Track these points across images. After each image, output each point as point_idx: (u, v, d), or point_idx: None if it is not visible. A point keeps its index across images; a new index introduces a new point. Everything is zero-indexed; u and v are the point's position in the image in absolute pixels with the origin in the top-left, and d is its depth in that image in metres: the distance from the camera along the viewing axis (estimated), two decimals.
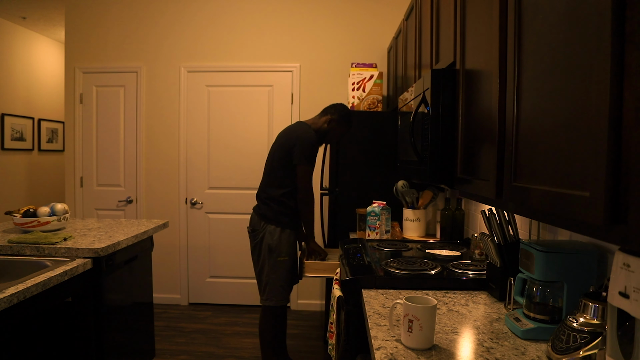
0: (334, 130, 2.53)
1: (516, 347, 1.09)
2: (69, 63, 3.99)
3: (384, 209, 2.47)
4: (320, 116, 2.58)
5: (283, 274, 2.47)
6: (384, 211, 2.46)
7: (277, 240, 2.46)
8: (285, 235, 2.47)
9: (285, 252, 2.46)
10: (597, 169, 0.66)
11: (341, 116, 2.53)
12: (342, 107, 2.55)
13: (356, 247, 2.11)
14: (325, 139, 2.56)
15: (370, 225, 2.47)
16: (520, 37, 0.99)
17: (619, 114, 0.62)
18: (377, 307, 1.39)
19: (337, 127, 2.53)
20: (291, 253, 2.51)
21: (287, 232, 2.48)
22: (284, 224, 2.47)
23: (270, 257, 2.46)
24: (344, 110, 2.55)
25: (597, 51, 0.66)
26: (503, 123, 1.07)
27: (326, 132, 2.53)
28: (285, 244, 2.46)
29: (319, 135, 2.51)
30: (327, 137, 2.55)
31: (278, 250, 2.45)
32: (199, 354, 3.00)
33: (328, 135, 2.54)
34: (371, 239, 2.38)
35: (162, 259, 3.91)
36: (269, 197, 2.51)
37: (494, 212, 1.50)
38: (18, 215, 2.31)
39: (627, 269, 0.75)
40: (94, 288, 2.03)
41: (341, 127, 2.54)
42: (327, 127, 2.52)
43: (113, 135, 3.99)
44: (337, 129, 2.54)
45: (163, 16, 3.93)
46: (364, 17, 3.81)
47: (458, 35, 1.50)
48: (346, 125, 2.56)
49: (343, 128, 2.55)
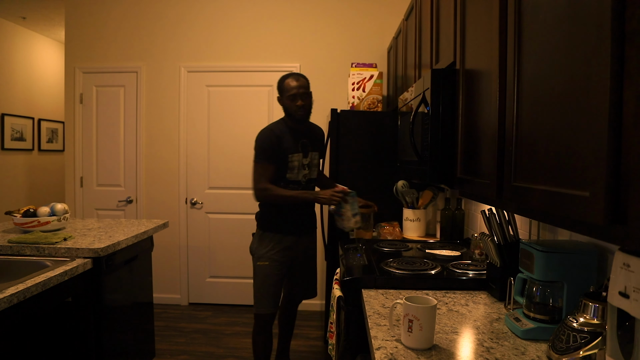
0: (285, 105, 2.34)
1: (516, 347, 1.09)
2: (69, 63, 3.99)
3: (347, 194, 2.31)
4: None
5: (260, 280, 2.34)
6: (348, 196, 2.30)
7: (257, 243, 2.38)
8: (265, 239, 2.35)
9: (266, 257, 2.32)
10: (597, 169, 0.66)
11: (278, 89, 2.37)
12: (278, 80, 2.38)
13: (356, 247, 2.12)
14: (293, 117, 2.33)
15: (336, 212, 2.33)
16: (520, 37, 0.99)
17: (618, 114, 0.62)
18: (377, 307, 1.39)
19: (284, 101, 2.33)
20: (274, 258, 2.33)
21: (268, 236, 2.35)
22: (264, 226, 2.38)
23: (253, 261, 2.38)
24: (278, 81, 2.37)
25: (597, 51, 0.66)
26: (503, 123, 1.07)
27: (284, 107, 2.35)
28: (265, 248, 2.33)
29: (292, 120, 2.33)
30: (290, 115, 2.33)
31: (258, 254, 2.35)
32: (199, 354, 3.00)
33: (288, 113, 2.34)
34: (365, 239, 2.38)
35: (162, 259, 3.90)
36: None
37: (494, 212, 1.50)
38: (18, 215, 2.31)
39: (627, 269, 0.75)
40: (94, 288, 2.03)
41: (284, 98, 2.32)
42: (283, 105, 2.36)
43: (113, 135, 3.99)
44: (284, 102, 2.33)
45: (163, 16, 3.93)
46: (364, 17, 3.81)
47: (458, 35, 1.50)
48: (283, 93, 2.32)
49: (285, 99, 2.31)
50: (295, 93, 2.27)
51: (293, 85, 2.28)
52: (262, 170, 2.28)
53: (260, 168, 2.29)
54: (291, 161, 2.31)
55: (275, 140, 2.29)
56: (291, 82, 2.29)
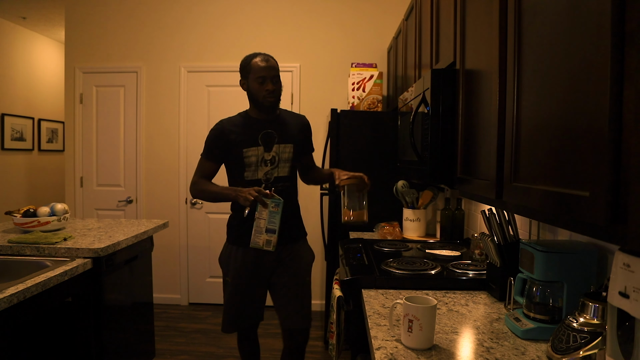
0: (250, 90, 1.97)
1: (516, 347, 1.09)
2: (69, 63, 3.99)
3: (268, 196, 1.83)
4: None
5: (224, 296, 2.10)
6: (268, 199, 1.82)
7: (221, 255, 2.11)
8: (226, 251, 2.08)
9: (227, 271, 2.06)
10: (597, 169, 0.66)
11: (241, 71, 1.99)
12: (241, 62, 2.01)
13: (356, 247, 2.12)
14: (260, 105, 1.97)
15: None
16: (520, 37, 0.99)
17: (619, 114, 0.62)
18: (377, 307, 1.39)
19: (249, 84, 1.97)
20: (237, 274, 2.01)
21: (229, 248, 2.07)
22: (228, 236, 2.11)
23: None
24: (242, 61, 2.00)
25: (597, 51, 0.66)
26: (503, 123, 1.07)
27: (249, 94, 1.99)
28: (225, 261, 2.07)
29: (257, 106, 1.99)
30: (256, 102, 1.98)
31: (222, 267, 2.10)
32: (199, 354, 3.00)
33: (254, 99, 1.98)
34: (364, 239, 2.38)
35: (162, 259, 3.90)
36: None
37: (494, 212, 1.50)
38: (18, 215, 2.31)
39: (627, 269, 0.75)
40: (94, 288, 2.03)
41: (250, 81, 1.95)
42: (246, 90, 2.00)
43: (113, 135, 3.99)
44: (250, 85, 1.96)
45: (163, 16, 3.93)
46: (364, 17, 3.81)
47: (458, 35, 1.50)
48: (248, 75, 1.96)
49: (252, 81, 1.95)
50: (264, 75, 1.91)
51: (262, 66, 1.92)
52: (199, 165, 2.06)
53: (199, 163, 2.07)
54: (247, 156, 1.96)
55: (219, 134, 2.00)
56: (259, 62, 1.93)
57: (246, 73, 1.97)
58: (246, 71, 1.97)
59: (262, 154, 1.98)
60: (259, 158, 1.98)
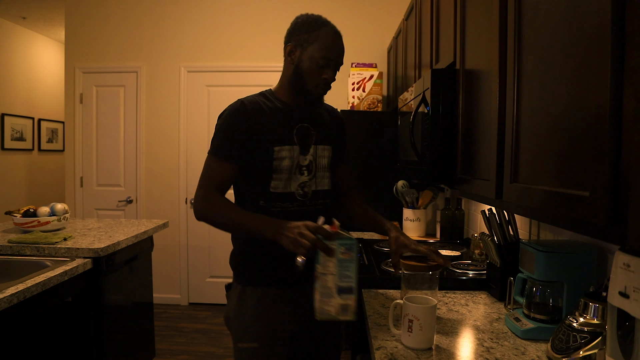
0: (300, 67, 1.33)
1: (516, 347, 1.09)
2: (69, 63, 3.99)
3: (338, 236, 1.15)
4: (284, 62, 1.40)
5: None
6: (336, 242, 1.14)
7: (236, 309, 1.37)
8: (248, 299, 1.35)
9: (252, 334, 1.33)
10: (597, 169, 0.66)
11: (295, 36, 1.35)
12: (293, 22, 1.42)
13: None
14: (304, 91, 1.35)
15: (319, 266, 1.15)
16: (520, 37, 0.99)
17: (619, 114, 0.62)
18: (377, 307, 1.39)
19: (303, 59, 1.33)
20: (266, 334, 1.33)
21: (252, 293, 1.35)
22: (244, 276, 1.39)
23: (233, 340, 1.40)
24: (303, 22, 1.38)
25: (597, 51, 0.66)
26: (503, 123, 1.07)
27: (298, 73, 1.34)
28: (250, 317, 1.34)
29: (295, 90, 1.37)
30: (300, 85, 1.35)
31: (238, 328, 1.36)
32: (199, 354, 3.00)
33: (300, 83, 1.34)
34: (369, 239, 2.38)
35: (162, 259, 3.90)
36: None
37: (494, 212, 1.50)
38: (18, 215, 2.31)
39: (627, 269, 0.75)
40: (94, 288, 2.03)
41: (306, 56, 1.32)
42: (295, 63, 1.35)
43: (113, 135, 3.99)
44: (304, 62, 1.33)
45: (163, 16, 3.93)
46: (364, 17, 3.81)
47: (458, 35, 1.50)
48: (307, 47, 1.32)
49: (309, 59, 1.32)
50: (332, 58, 1.33)
51: (334, 45, 1.34)
52: (208, 169, 1.36)
53: (207, 166, 1.37)
54: (278, 158, 1.33)
55: (242, 119, 1.34)
56: (332, 36, 1.34)
57: (305, 41, 1.33)
58: (306, 39, 1.33)
59: (297, 157, 1.36)
60: (294, 162, 1.35)
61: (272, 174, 1.34)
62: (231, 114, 1.37)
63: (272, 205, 1.34)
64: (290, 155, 1.34)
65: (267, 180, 1.34)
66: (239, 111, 1.36)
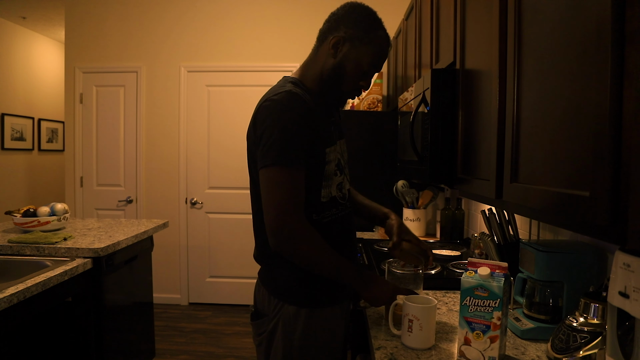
0: (342, 67, 1.20)
1: (516, 347, 1.09)
2: (69, 63, 4.00)
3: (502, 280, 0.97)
4: (318, 47, 1.26)
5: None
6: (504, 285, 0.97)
7: (300, 338, 1.17)
8: (317, 323, 1.19)
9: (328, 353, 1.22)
10: (597, 169, 0.66)
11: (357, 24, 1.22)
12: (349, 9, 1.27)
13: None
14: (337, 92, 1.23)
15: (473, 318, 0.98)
16: (520, 37, 0.99)
17: (619, 114, 0.62)
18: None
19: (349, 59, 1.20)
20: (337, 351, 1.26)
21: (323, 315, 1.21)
22: (307, 298, 1.19)
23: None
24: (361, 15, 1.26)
25: (597, 51, 0.66)
26: (503, 123, 1.07)
27: (338, 72, 1.20)
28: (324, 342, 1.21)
29: (326, 87, 1.23)
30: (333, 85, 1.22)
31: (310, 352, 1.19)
32: (199, 354, 3.00)
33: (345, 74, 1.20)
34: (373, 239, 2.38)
35: (162, 259, 3.91)
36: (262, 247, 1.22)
37: (494, 212, 1.50)
38: (18, 215, 2.31)
39: (627, 268, 0.75)
40: (94, 288, 2.03)
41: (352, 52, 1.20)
42: (337, 58, 1.20)
43: (113, 135, 3.99)
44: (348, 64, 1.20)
45: (163, 16, 3.93)
46: None
47: (458, 35, 1.50)
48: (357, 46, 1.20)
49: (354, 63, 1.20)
50: (377, 67, 1.25)
51: (384, 56, 1.26)
52: (294, 184, 1.10)
53: (292, 179, 1.10)
54: (328, 161, 1.20)
55: (307, 116, 1.14)
56: (385, 46, 1.26)
57: (359, 38, 1.20)
58: (361, 37, 1.21)
59: (337, 156, 1.25)
60: (337, 162, 1.24)
61: (322, 181, 1.18)
62: (293, 110, 1.11)
63: (323, 217, 1.19)
64: (335, 156, 1.23)
65: (317, 188, 1.18)
66: (301, 107, 1.12)
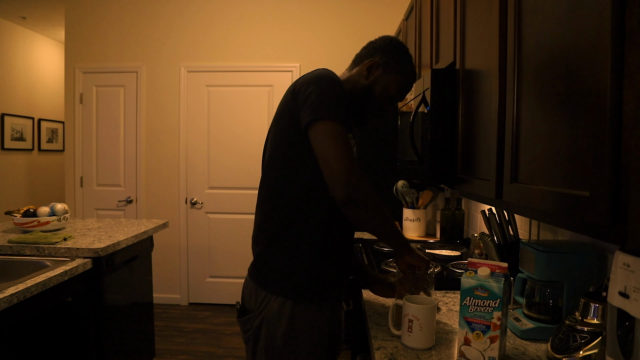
0: (375, 91, 1.29)
1: (516, 347, 1.09)
2: (69, 63, 4.00)
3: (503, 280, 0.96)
4: (352, 67, 1.35)
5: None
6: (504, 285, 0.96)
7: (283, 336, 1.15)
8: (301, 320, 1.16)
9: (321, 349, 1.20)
10: (597, 169, 0.66)
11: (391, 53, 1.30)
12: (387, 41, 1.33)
13: (356, 247, 2.11)
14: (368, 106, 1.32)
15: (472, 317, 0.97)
16: (520, 37, 0.99)
17: (618, 114, 0.62)
18: (377, 307, 1.39)
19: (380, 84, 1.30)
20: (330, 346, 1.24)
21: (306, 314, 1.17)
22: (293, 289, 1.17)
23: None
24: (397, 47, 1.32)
25: (597, 51, 0.66)
26: (503, 123, 1.07)
27: (368, 92, 1.30)
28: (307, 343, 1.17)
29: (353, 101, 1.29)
30: (370, 100, 1.31)
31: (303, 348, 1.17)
32: (199, 354, 3.00)
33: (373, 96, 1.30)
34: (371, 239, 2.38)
35: (162, 259, 3.91)
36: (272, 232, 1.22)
37: (494, 212, 1.50)
38: (18, 215, 2.31)
39: (627, 268, 0.74)
40: (94, 288, 2.03)
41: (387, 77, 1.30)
42: (369, 80, 1.30)
43: (113, 135, 3.99)
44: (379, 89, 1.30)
45: (163, 16, 3.93)
46: (364, 17, 3.81)
47: (458, 35, 1.50)
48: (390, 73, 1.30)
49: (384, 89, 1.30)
50: (402, 95, 1.36)
51: (409, 85, 1.35)
52: (347, 141, 1.13)
53: (343, 132, 1.12)
54: None
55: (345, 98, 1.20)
56: (412, 78, 1.35)
57: (391, 66, 1.30)
58: (393, 66, 1.30)
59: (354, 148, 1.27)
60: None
61: None
62: (338, 83, 1.19)
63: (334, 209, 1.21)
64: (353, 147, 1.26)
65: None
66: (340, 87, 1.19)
